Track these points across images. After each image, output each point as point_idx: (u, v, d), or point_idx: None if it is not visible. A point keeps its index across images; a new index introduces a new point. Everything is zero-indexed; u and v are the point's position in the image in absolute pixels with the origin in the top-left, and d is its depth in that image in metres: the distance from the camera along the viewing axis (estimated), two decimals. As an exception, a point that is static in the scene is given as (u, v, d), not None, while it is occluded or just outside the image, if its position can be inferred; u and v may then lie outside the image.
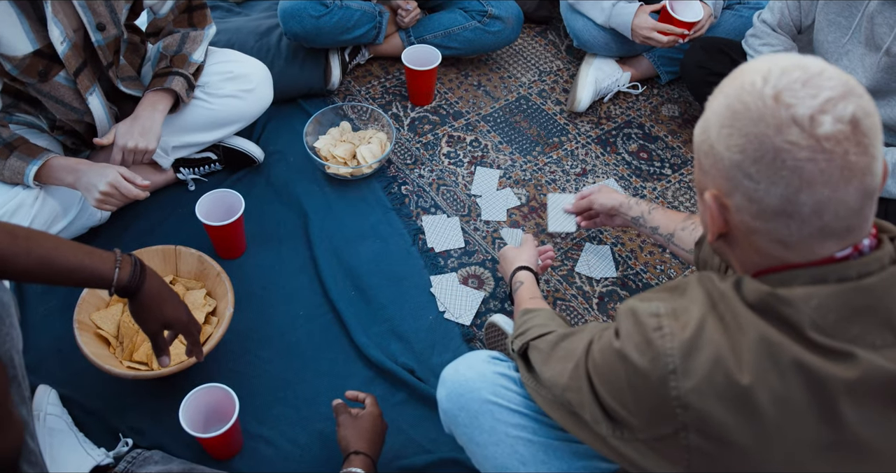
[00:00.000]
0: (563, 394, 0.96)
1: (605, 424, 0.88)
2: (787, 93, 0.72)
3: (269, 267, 1.76)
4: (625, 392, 0.82)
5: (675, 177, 2.02)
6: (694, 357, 0.75)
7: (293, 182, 1.92)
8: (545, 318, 1.19)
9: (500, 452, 1.14)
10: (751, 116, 0.73)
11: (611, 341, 0.84)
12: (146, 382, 1.52)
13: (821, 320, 0.74)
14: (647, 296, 0.86)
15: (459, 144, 2.06)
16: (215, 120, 1.77)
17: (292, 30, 1.98)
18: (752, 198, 0.75)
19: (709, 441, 0.76)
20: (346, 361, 1.62)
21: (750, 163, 0.73)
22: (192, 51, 1.69)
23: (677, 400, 0.76)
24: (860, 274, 0.75)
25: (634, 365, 0.80)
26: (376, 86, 2.19)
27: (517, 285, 1.46)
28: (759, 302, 0.76)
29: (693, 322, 0.77)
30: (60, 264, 1.07)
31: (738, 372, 0.74)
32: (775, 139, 0.72)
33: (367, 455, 1.28)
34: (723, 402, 0.74)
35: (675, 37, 1.97)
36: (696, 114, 2.16)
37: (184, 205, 1.85)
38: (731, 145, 0.75)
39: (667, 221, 1.50)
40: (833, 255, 0.75)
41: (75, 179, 1.54)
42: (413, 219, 1.88)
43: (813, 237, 0.75)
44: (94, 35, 1.50)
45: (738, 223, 0.78)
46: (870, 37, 1.62)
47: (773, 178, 0.72)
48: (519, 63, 2.30)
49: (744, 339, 0.75)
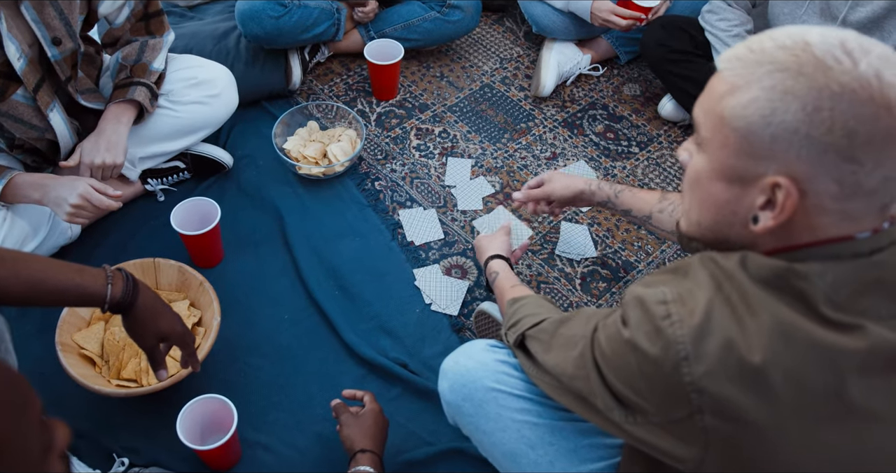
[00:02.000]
0: (571, 383, 0.96)
1: (617, 411, 0.87)
2: (886, 72, 0.70)
3: (250, 273, 1.74)
4: (637, 379, 0.82)
5: (643, 155, 2.05)
6: (705, 342, 0.75)
7: (265, 185, 1.90)
8: (534, 306, 1.18)
9: (508, 437, 1.15)
10: (856, 98, 0.70)
11: (619, 330, 0.83)
12: (137, 399, 1.49)
13: (834, 295, 0.74)
14: (650, 281, 0.85)
15: (428, 136, 2.06)
16: (182, 127, 1.74)
17: (252, 32, 1.95)
18: (845, 180, 0.72)
19: (725, 422, 0.76)
20: (337, 361, 1.61)
21: (858, 146, 0.70)
22: (152, 59, 1.65)
23: (691, 386, 0.76)
24: (872, 250, 0.75)
25: (645, 353, 0.79)
26: (339, 83, 2.18)
27: (493, 276, 1.45)
28: (773, 276, 0.76)
29: (700, 306, 0.77)
30: (51, 285, 1.04)
31: (749, 352, 0.73)
32: (888, 120, 0.69)
33: (373, 452, 1.28)
34: (736, 384, 0.74)
35: (633, 20, 1.99)
36: (658, 92, 2.19)
37: (155, 217, 1.81)
38: (835, 129, 0.70)
39: (640, 203, 1.44)
40: (853, 235, 0.75)
41: (42, 195, 1.50)
42: (390, 214, 1.87)
43: (882, 207, 0.75)
44: (50, 50, 1.46)
45: (808, 207, 0.75)
46: (825, 8, 1.66)
47: (880, 160, 0.70)
48: (479, 52, 2.30)
49: (754, 319, 0.75)
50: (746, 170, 0.76)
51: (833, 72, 0.70)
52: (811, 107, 0.71)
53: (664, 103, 2.11)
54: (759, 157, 0.75)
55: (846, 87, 0.70)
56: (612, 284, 1.76)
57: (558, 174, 1.56)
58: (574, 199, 1.53)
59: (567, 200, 1.54)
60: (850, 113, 0.70)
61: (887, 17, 1.59)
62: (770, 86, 0.73)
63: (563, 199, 1.54)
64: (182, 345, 1.26)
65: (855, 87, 0.70)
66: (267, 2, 1.93)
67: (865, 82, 0.70)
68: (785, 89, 0.72)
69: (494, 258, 1.50)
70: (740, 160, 0.77)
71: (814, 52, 0.72)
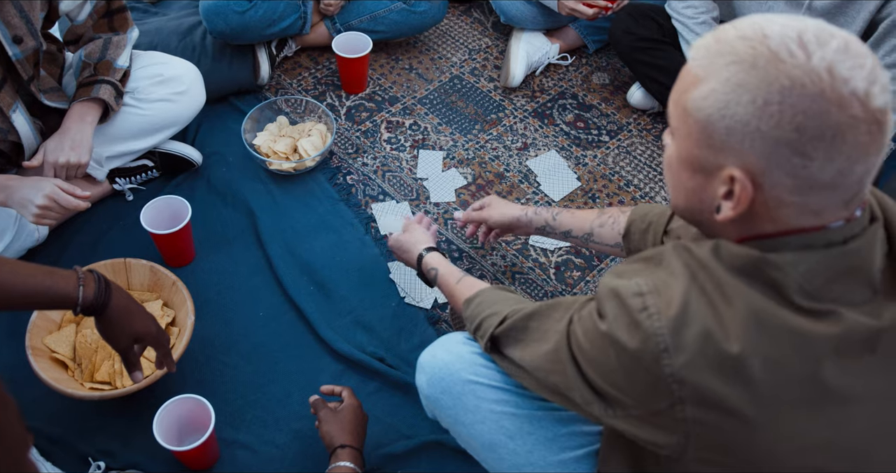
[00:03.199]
0: (548, 378, 0.96)
1: (597, 404, 0.87)
2: (839, 66, 0.69)
3: (223, 271, 1.72)
4: (616, 373, 0.82)
5: (614, 144, 2.06)
6: (683, 333, 0.75)
7: (236, 182, 1.88)
8: (492, 302, 1.14)
9: (487, 429, 1.15)
10: (806, 92, 0.69)
11: (595, 323, 0.83)
12: (111, 402, 1.47)
13: (807, 285, 0.75)
14: (623, 271, 0.85)
15: (399, 129, 2.05)
16: (148, 126, 1.71)
17: (217, 28, 1.92)
18: (799, 175, 0.72)
19: (706, 411, 0.77)
20: (314, 357, 1.60)
21: (807, 141, 0.70)
22: (116, 56, 1.63)
23: (672, 377, 0.76)
24: (845, 238, 0.76)
25: (624, 347, 0.79)
26: (307, 77, 2.16)
27: (432, 273, 1.39)
28: (746, 265, 0.76)
29: (677, 297, 0.77)
30: (21, 289, 1.02)
31: (727, 341, 0.74)
32: (838, 115, 0.69)
33: (353, 447, 1.28)
34: (716, 373, 0.75)
35: (600, 9, 2.00)
36: (626, 81, 2.21)
37: (124, 217, 1.79)
38: (783, 123, 0.70)
39: (579, 222, 1.41)
40: (826, 224, 0.76)
41: (7, 196, 1.46)
42: (363, 208, 1.86)
43: (844, 202, 0.74)
44: (11, 49, 1.43)
45: (766, 199, 0.75)
46: (790, -7, 1.68)
47: (831, 154, 0.70)
48: (448, 43, 2.30)
49: (730, 308, 0.75)
50: (708, 160, 0.77)
51: (785, 65, 0.70)
52: (761, 100, 0.71)
53: (633, 91, 2.12)
54: (717, 149, 0.75)
55: (796, 81, 0.70)
56: (586, 273, 1.78)
57: (497, 199, 1.57)
58: (511, 226, 1.51)
59: (504, 226, 1.52)
60: (800, 107, 0.70)
61: (851, 2, 1.62)
62: (726, 78, 0.73)
63: (499, 225, 1.53)
64: (156, 346, 1.25)
65: (805, 82, 0.70)
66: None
67: (816, 77, 0.69)
68: (738, 82, 0.72)
69: (427, 251, 1.43)
70: (702, 151, 0.77)
71: (769, 45, 0.72)
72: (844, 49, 0.71)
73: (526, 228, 1.50)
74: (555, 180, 1.95)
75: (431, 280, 1.40)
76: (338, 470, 1.26)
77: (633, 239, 1.26)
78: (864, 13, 1.61)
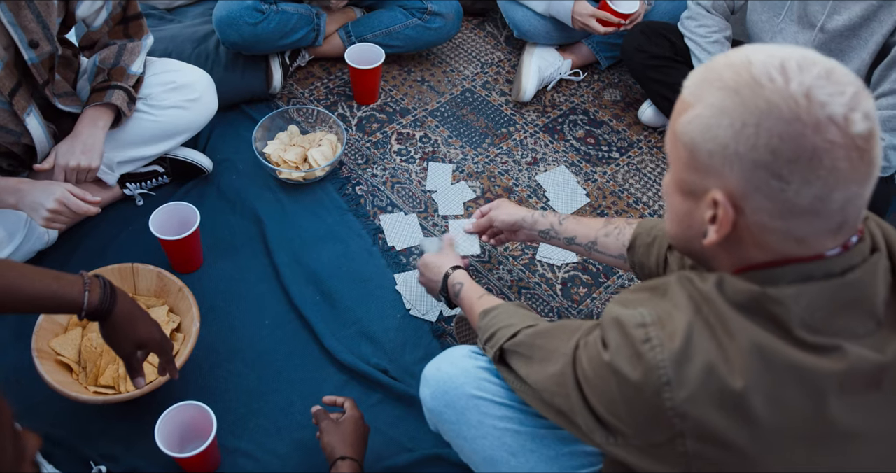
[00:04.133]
0: (553, 399, 0.96)
1: (599, 432, 0.87)
2: (818, 91, 0.70)
3: (230, 278, 1.73)
4: (617, 403, 0.82)
5: (624, 160, 2.06)
6: (686, 367, 0.75)
7: (245, 190, 1.89)
8: (507, 316, 1.15)
9: (489, 445, 1.15)
10: (782, 116, 0.70)
11: (599, 353, 0.83)
12: (115, 406, 1.47)
13: (809, 318, 0.74)
14: (628, 299, 0.84)
15: (409, 141, 2.05)
16: (160, 132, 1.73)
17: (230, 39, 1.94)
18: (777, 198, 0.72)
19: (707, 446, 0.76)
20: (317, 367, 1.60)
21: (783, 164, 0.70)
22: (130, 62, 1.64)
23: (673, 411, 0.76)
24: (843, 270, 0.75)
25: (626, 378, 0.79)
26: (320, 87, 2.17)
27: (457, 287, 1.39)
28: (748, 301, 0.76)
29: (681, 330, 0.77)
30: (28, 292, 1.03)
31: (730, 377, 0.74)
32: (814, 138, 0.69)
33: (353, 459, 1.28)
34: (718, 408, 0.74)
35: (613, 26, 2.01)
36: (638, 98, 2.21)
37: (134, 221, 1.80)
38: (759, 145, 0.71)
39: (584, 230, 1.39)
40: (824, 253, 0.75)
41: (18, 200, 1.48)
42: (371, 219, 1.87)
43: (830, 231, 0.74)
44: (27, 53, 1.44)
45: (749, 224, 0.75)
46: (802, 15, 1.68)
47: (808, 178, 0.70)
48: (460, 56, 2.31)
49: (733, 343, 0.75)
50: (695, 184, 0.78)
51: (764, 90, 0.71)
52: (739, 123, 0.72)
53: (644, 109, 2.12)
54: (703, 173, 0.76)
55: (773, 105, 0.71)
56: (592, 289, 1.77)
57: (505, 201, 1.57)
58: (515, 225, 1.50)
59: (508, 226, 1.51)
60: (775, 130, 0.70)
61: (863, 25, 1.62)
62: (711, 103, 0.74)
63: (504, 225, 1.52)
64: (160, 352, 1.25)
65: (781, 106, 0.70)
66: (244, 8, 1.92)
67: (793, 101, 0.70)
68: (721, 107, 0.73)
69: (454, 269, 1.44)
70: (690, 174, 0.78)
71: (751, 71, 0.73)
72: (826, 75, 0.71)
73: (530, 230, 1.48)
74: (564, 196, 1.96)
75: (455, 295, 1.40)
76: None
77: (638, 253, 1.26)
78: (877, 36, 1.61)
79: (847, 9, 1.61)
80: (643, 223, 1.28)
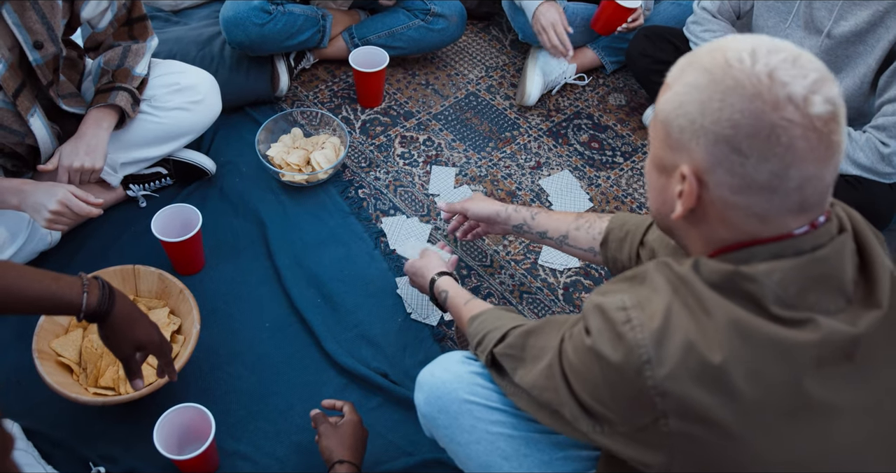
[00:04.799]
0: (542, 395, 0.97)
1: (584, 421, 0.89)
2: (781, 72, 0.74)
3: (231, 281, 1.73)
4: (601, 388, 0.83)
5: (628, 165, 2.05)
6: (665, 345, 0.77)
7: (248, 192, 1.89)
8: (495, 319, 1.17)
9: (482, 450, 1.15)
10: (745, 93, 0.74)
11: (583, 339, 0.85)
12: (114, 408, 1.48)
13: (782, 293, 0.77)
14: (608, 289, 0.87)
15: (413, 144, 2.05)
16: (164, 134, 1.73)
17: (237, 39, 1.94)
18: (737, 172, 0.76)
19: (690, 423, 0.77)
20: (317, 370, 1.60)
21: (742, 138, 0.75)
22: (134, 64, 1.65)
23: (654, 389, 0.77)
24: (813, 247, 0.79)
25: (608, 360, 0.81)
26: (324, 90, 2.17)
27: (443, 295, 1.40)
28: (723, 280, 0.79)
29: (660, 310, 0.79)
30: (27, 293, 1.04)
31: (709, 352, 0.76)
32: (772, 115, 0.73)
33: (351, 463, 1.28)
34: (699, 384, 0.76)
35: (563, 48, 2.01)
36: (643, 102, 2.20)
37: (136, 223, 1.80)
38: (721, 119, 0.75)
39: (556, 224, 1.42)
40: (792, 232, 0.79)
41: (20, 201, 1.48)
42: (373, 223, 1.87)
43: (791, 211, 0.78)
44: (32, 54, 1.45)
45: (713, 198, 0.79)
46: (808, 21, 1.67)
47: (765, 154, 0.74)
48: (465, 60, 2.31)
49: (711, 321, 0.77)
50: (668, 159, 0.82)
51: (732, 69, 0.76)
52: (707, 98, 0.76)
53: (648, 113, 2.12)
54: (674, 148, 0.80)
55: (738, 83, 0.75)
56: (594, 294, 1.76)
57: (480, 195, 1.60)
58: (489, 219, 1.52)
59: (482, 219, 1.53)
60: (738, 106, 0.74)
61: (870, 31, 1.61)
62: (686, 82, 0.79)
63: (477, 217, 1.53)
64: (159, 355, 1.26)
65: (745, 83, 0.74)
66: (251, 9, 1.92)
67: (756, 79, 0.74)
68: (694, 84, 0.78)
69: (439, 275, 1.45)
70: (664, 150, 0.82)
71: (725, 54, 0.77)
72: (792, 60, 0.75)
73: (504, 225, 1.51)
74: (567, 200, 1.95)
75: (442, 303, 1.42)
76: None
77: (611, 248, 1.29)
78: (884, 42, 1.60)
79: (854, 15, 1.60)
80: (616, 218, 1.31)
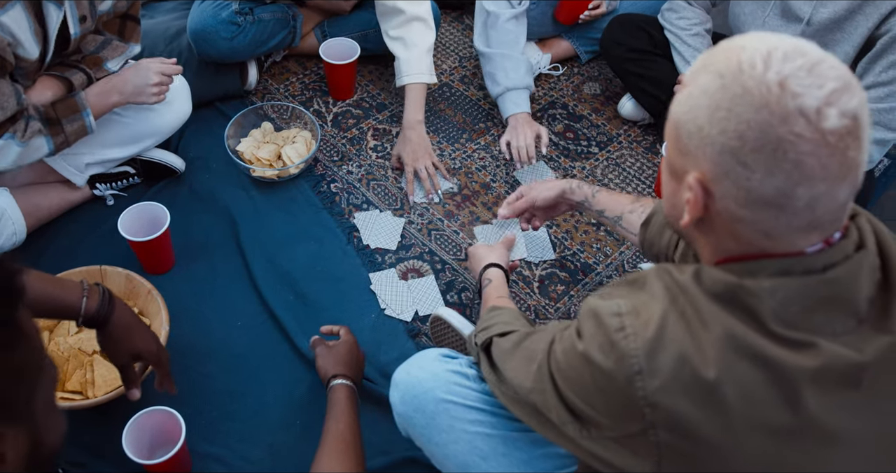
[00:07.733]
0: (528, 396, 0.95)
1: (572, 425, 0.87)
2: (794, 81, 0.68)
3: (202, 280, 1.70)
4: (591, 393, 0.81)
5: (603, 155, 2.04)
6: (658, 356, 0.75)
7: (218, 189, 1.86)
8: (510, 317, 1.17)
9: (460, 449, 1.14)
10: (752, 102, 0.69)
11: (574, 343, 0.83)
12: (81, 413, 1.44)
13: (783, 312, 0.73)
14: (607, 293, 0.84)
15: (386, 137, 2.03)
16: (131, 135, 1.70)
17: (206, 53, 1.91)
18: (742, 186, 0.71)
19: (678, 437, 0.75)
20: (291, 368, 1.58)
21: (748, 152, 0.70)
22: (109, 57, 1.60)
23: (644, 400, 0.75)
24: (825, 266, 0.74)
25: (599, 367, 0.79)
26: (295, 82, 2.14)
27: (486, 282, 1.43)
28: (724, 292, 0.75)
29: (655, 319, 0.76)
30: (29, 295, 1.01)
31: (703, 367, 0.73)
32: (779, 129, 0.68)
33: (345, 376, 1.32)
34: (690, 399, 0.74)
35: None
36: (618, 91, 2.19)
37: (103, 222, 1.76)
38: (728, 130, 0.71)
39: (613, 204, 1.42)
40: (803, 250, 0.74)
41: (120, 94, 1.57)
42: (346, 217, 1.84)
43: (800, 229, 0.73)
44: (74, 27, 1.46)
45: (720, 209, 0.75)
46: (786, 9, 1.66)
47: (771, 169, 0.69)
48: (438, 50, 2.28)
49: (707, 334, 0.74)
50: (678, 165, 0.78)
51: (743, 75, 0.71)
52: (714, 105, 0.72)
53: (624, 102, 2.10)
54: (684, 153, 0.76)
55: (747, 91, 0.70)
56: (570, 287, 1.75)
57: (537, 181, 1.56)
58: (556, 200, 1.50)
59: (550, 202, 1.50)
60: (744, 116, 0.70)
61: (848, 18, 1.60)
62: (699, 84, 0.75)
63: (546, 202, 1.51)
64: (156, 365, 1.27)
65: (754, 92, 0.69)
66: (219, 23, 1.88)
67: (766, 88, 0.69)
68: (706, 89, 0.73)
69: (492, 266, 1.46)
70: (676, 155, 0.78)
71: (740, 57, 0.72)
72: (809, 67, 0.69)
73: (569, 202, 1.49)
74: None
75: (482, 289, 1.44)
76: (335, 387, 1.30)
77: (652, 230, 1.24)
78: (862, 29, 1.59)
79: (832, 2, 1.59)
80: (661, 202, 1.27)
